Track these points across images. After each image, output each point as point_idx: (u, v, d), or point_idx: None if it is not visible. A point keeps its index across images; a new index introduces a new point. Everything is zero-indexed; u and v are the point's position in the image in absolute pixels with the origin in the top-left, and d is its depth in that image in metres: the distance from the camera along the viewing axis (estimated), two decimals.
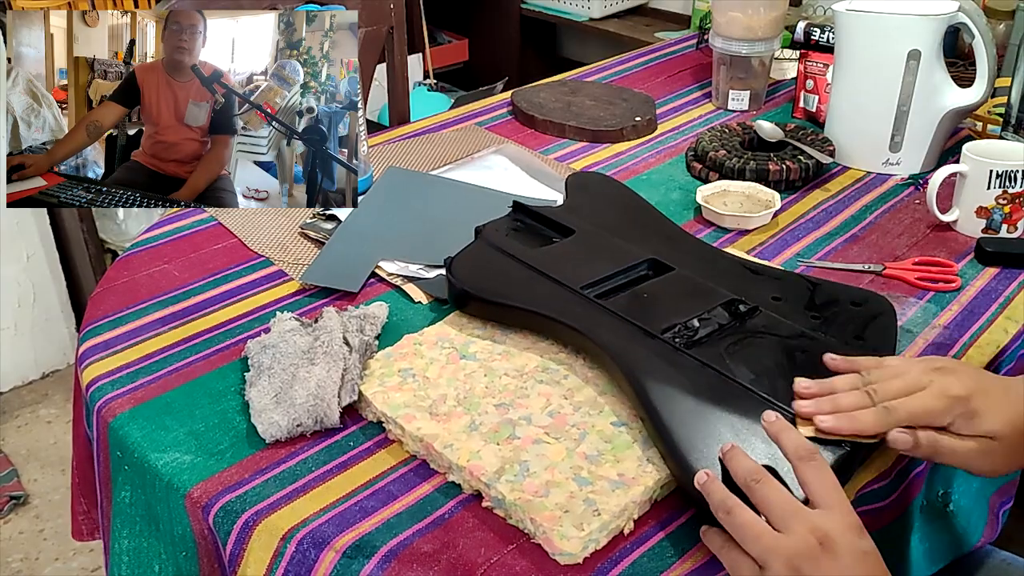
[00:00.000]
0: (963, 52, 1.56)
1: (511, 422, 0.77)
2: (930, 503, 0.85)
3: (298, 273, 1.02)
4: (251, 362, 0.84)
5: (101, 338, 0.91)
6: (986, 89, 1.23)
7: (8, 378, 2.17)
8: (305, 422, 0.77)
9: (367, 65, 1.54)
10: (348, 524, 0.70)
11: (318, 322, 0.87)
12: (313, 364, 0.81)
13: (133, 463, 0.78)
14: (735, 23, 1.42)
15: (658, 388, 0.76)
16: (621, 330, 0.83)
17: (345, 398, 0.79)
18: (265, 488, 0.73)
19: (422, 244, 1.06)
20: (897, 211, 1.18)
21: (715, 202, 1.15)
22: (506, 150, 1.32)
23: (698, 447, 0.70)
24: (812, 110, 1.44)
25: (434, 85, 2.75)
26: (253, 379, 0.82)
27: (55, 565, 1.73)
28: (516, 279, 0.91)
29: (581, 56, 2.84)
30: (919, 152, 1.26)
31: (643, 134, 1.40)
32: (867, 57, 1.24)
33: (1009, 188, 1.08)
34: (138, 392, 0.84)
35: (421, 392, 0.81)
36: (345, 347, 0.83)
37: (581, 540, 0.67)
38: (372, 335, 0.88)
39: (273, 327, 0.88)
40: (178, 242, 1.09)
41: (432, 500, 0.73)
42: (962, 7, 1.20)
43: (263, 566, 0.70)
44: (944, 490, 0.87)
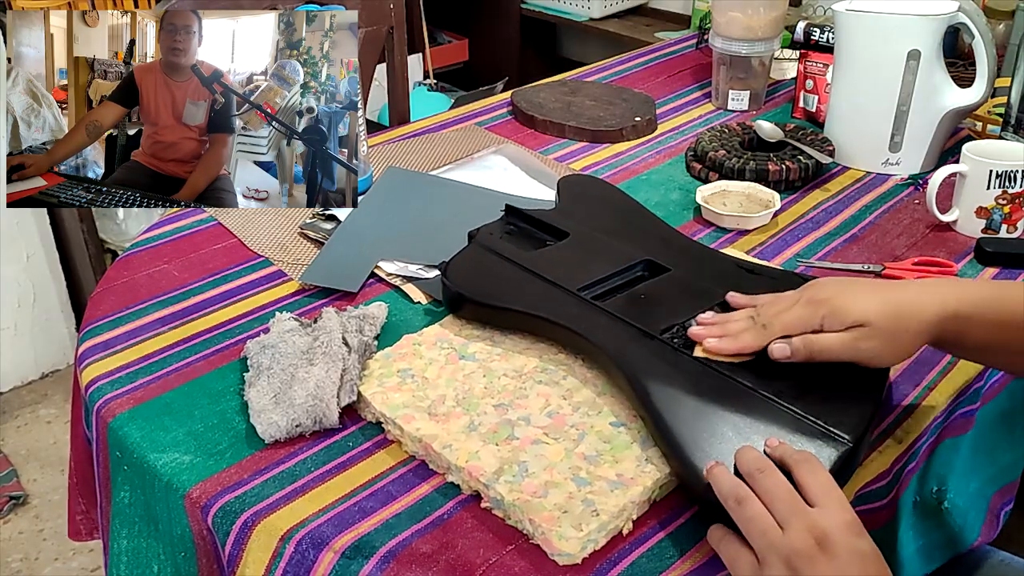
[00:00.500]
0: (963, 52, 1.56)
1: (510, 422, 0.77)
2: (923, 500, 0.85)
3: (298, 273, 1.02)
4: (250, 362, 0.84)
5: (101, 338, 0.91)
6: (986, 89, 1.23)
7: (8, 378, 2.17)
8: (304, 422, 0.77)
9: (367, 65, 1.54)
10: (347, 524, 0.70)
11: (317, 322, 0.87)
12: (312, 364, 0.81)
13: (132, 463, 0.78)
14: (735, 23, 1.42)
15: (659, 388, 0.76)
16: (619, 331, 0.83)
17: (344, 398, 0.79)
18: (264, 488, 0.73)
19: (422, 244, 1.06)
20: (897, 211, 1.18)
21: (715, 202, 1.15)
22: (506, 150, 1.32)
23: (701, 446, 0.70)
24: (812, 110, 1.44)
25: (434, 85, 2.75)
26: (252, 379, 0.82)
27: (55, 565, 1.73)
28: (512, 282, 0.91)
29: (581, 56, 2.84)
30: (919, 152, 1.26)
31: (643, 134, 1.40)
32: (867, 57, 1.24)
33: (1009, 188, 1.08)
34: (138, 392, 0.84)
35: (420, 392, 0.81)
36: (344, 347, 0.83)
37: (580, 540, 0.67)
38: (371, 335, 0.88)
39: (272, 327, 0.88)
40: (178, 242, 1.09)
41: (431, 501, 0.73)
42: (962, 7, 1.20)
43: (262, 566, 0.70)
44: (938, 487, 0.87)
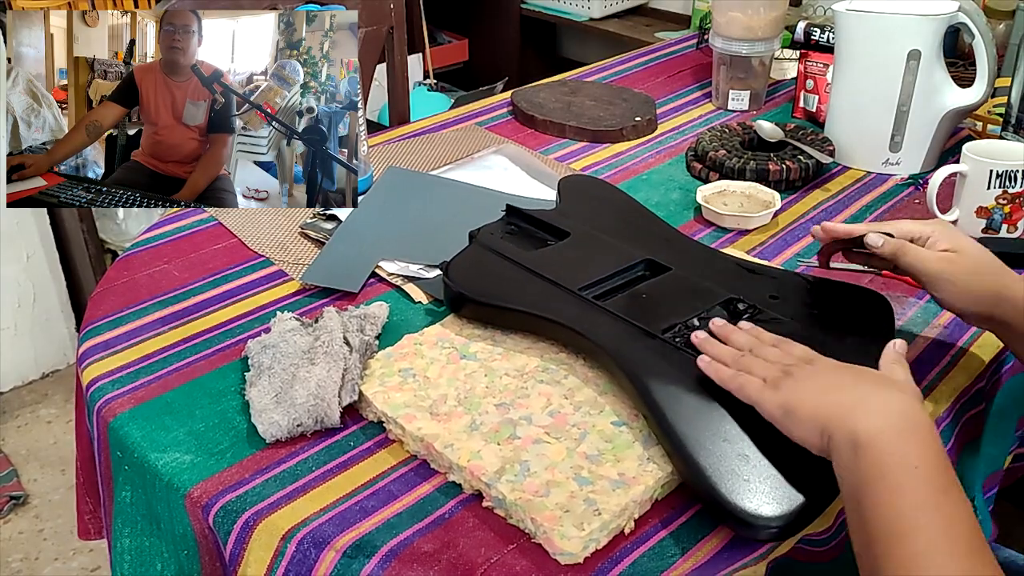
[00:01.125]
0: (963, 52, 1.56)
1: (511, 422, 0.77)
2: None
3: (298, 273, 1.02)
4: (251, 362, 0.84)
5: (101, 338, 0.91)
6: (986, 89, 1.23)
7: (8, 378, 2.17)
8: (305, 422, 0.77)
9: (367, 65, 1.54)
10: (348, 524, 0.70)
11: (318, 322, 0.87)
12: (313, 364, 0.81)
13: (133, 463, 0.78)
14: (735, 23, 1.42)
15: (660, 387, 0.76)
16: (621, 330, 0.83)
17: (345, 398, 0.79)
18: (265, 488, 0.73)
19: (422, 244, 1.06)
20: (897, 211, 1.18)
21: (715, 202, 1.15)
22: (506, 150, 1.32)
23: (704, 445, 0.70)
24: (812, 110, 1.44)
25: (434, 85, 2.75)
26: (253, 379, 0.82)
27: (55, 565, 1.73)
28: (513, 281, 0.91)
29: (581, 56, 2.84)
30: (919, 152, 1.26)
31: (643, 134, 1.40)
32: (867, 57, 1.24)
33: (1009, 188, 1.08)
34: (138, 392, 0.84)
35: (421, 392, 0.81)
36: (345, 347, 0.83)
37: (582, 540, 0.67)
38: (372, 335, 0.88)
39: (273, 327, 0.88)
40: (178, 242, 1.09)
41: (432, 500, 0.73)
42: (962, 7, 1.20)
43: (263, 566, 0.70)
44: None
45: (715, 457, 0.69)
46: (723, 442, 0.71)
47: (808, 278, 0.92)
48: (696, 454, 0.70)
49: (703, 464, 0.69)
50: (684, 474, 0.71)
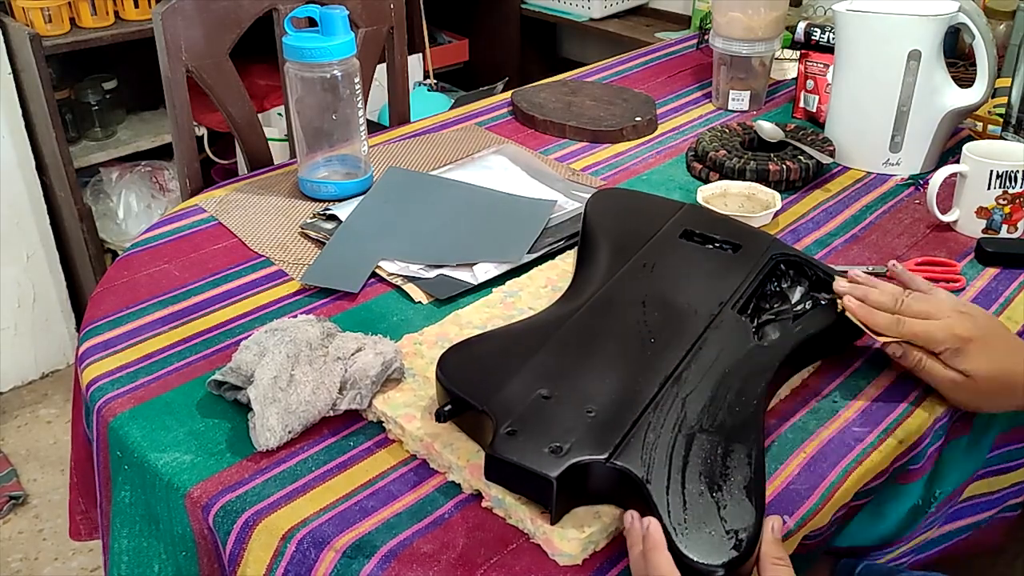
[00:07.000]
0: (963, 52, 1.56)
1: None
2: (924, 501, 0.86)
3: (298, 273, 1.02)
4: (253, 341, 0.83)
5: (101, 338, 0.91)
6: (986, 89, 1.23)
7: (8, 378, 2.17)
8: (296, 429, 0.77)
9: (367, 65, 1.54)
10: (348, 524, 0.70)
11: (335, 337, 0.84)
12: (311, 366, 0.80)
13: (133, 463, 0.78)
14: (735, 23, 1.42)
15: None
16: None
17: (344, 405, 0.79)
18: (265, 488, 0.73)
19: (422, 244, 1.06)
20: (897, 211, 1.18)
21: (715, 202, 1.15)
22: (506, 150, 1.32)
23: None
24: (812, 110, 1.44)
25: (434, 85, 2.75)
26: (254, 368, 0.80)
27: (55, 565, 1.73)
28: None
29: (581, 56, 2.84)
30: (919, 152, 1.26)
31: (643, 134, 1.40)
32: (867, 57, 1.24)
33: (1009, 188, 1.08)
34: (138, 392, 0.84)
35: (421, 392, 0.81)
36: (350, 361, 0.81)
37: (581, 541, 0.67)
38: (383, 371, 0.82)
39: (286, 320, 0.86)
40: (178, 242, 1.09)
41: (432, 500, 0.73)
42: (962, 7, 1.20)
43: (263, 566, 0.70)
44: (939, 491, 0.88)
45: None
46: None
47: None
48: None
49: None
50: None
